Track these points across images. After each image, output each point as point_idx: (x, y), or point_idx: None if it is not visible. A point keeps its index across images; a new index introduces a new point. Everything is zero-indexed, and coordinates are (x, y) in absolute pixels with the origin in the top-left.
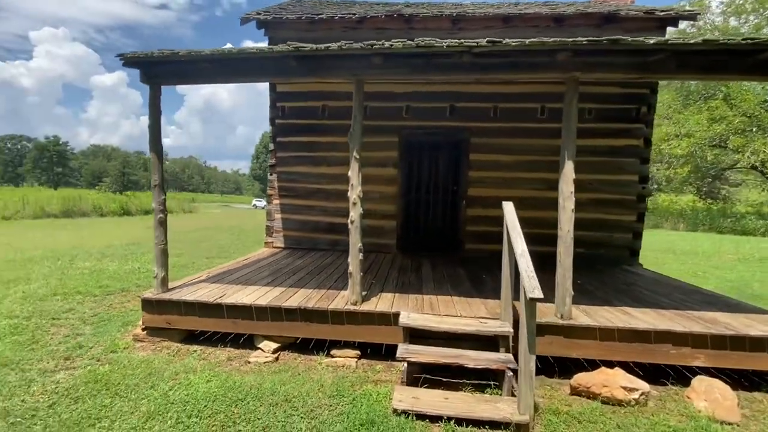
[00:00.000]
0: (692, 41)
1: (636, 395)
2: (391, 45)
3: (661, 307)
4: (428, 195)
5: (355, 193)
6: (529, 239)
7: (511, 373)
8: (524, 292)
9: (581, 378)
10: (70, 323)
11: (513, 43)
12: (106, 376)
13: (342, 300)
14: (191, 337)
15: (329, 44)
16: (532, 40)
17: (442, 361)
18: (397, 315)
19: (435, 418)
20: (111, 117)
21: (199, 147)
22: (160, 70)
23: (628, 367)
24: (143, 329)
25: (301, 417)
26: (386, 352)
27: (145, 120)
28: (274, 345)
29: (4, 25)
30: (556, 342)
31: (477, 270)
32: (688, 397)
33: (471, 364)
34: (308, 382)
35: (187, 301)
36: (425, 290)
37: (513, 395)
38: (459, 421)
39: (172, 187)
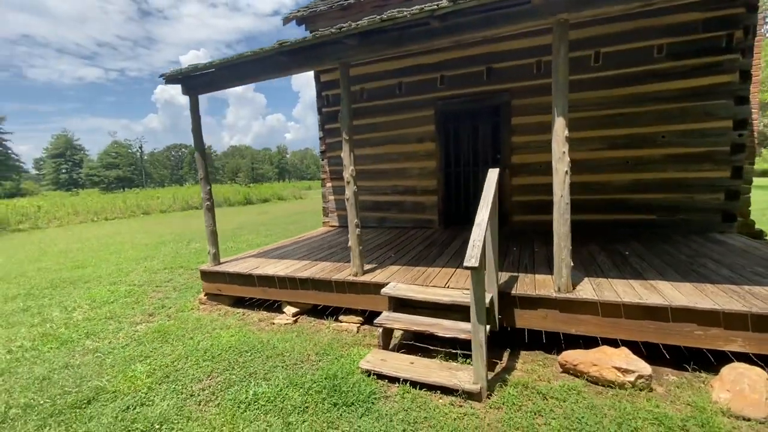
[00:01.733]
0: None
1: (631, 378)
2: (357, 25)
3: (712, 282)
4: (468, 167)
5: (347, 172)
6: (588, 207)
7: None
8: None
9: (569, 355)
10: (165, 289)
11: None
12: (167, 328)
13: (348, 271)
14: (239, 302)
15: (306, 36)
16: None
17: (414, 328)
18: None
19: (394, 380)
20: (244, 120)
21: (315, 138)
22: (193, 83)
23: (657, 351)
24: (204, 295)
25: (284, 368)
26: None
27: (270, 119)
28: (294, 309)
29: (161, 55)
30: (551, 316)
31: (512, 243)
32: (712, 386)
33: (441, 333)
34: (308, 341)
35: (229, 272)
36: (436, 264)
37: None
38: (414, 384)
39: (294, 176)
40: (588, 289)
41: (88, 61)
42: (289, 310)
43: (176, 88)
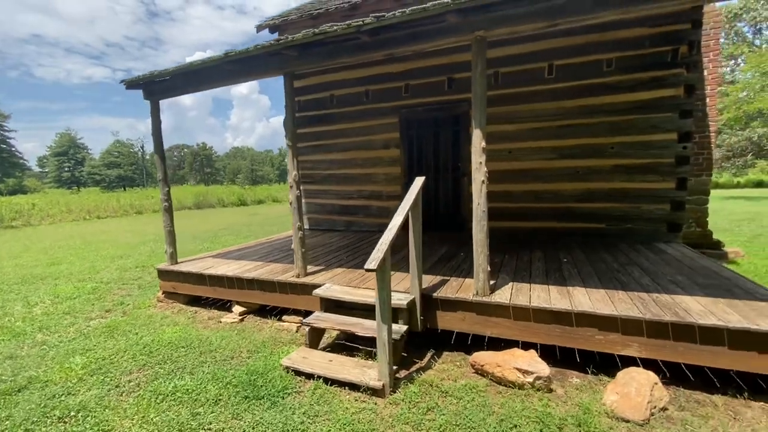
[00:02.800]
0: None
1: (530, 378)
2: (294, 38)
3: (627, 289)
4: (431, 173)
5: (291, 177)
6: (540, 215)
7: (392, 342)
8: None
9: (479, 356)
10: (130, 287)
11: (396, 15)
12: (118, 324)
13: (292, 273)
14: (195, 300)
15: (249, 47)
16: (415, 8)
17: (338, 327)
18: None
19: (310, 376)
20: (248, 121)
21: None
22: (152, 88)
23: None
24: (162, 293)
25: (213, 363)
26: None
27: (274, 121)
28: (242, 309)
29: (168, 56)
30: (468, 318)
31: (463, 248)
32: (606, 389)
33: (361, 332)
34: (245, 339)
35: (183, 271)
36: None
37: (398, 362)
38: (327, 381)
39: None
40: (506, 294)
41: (96, 61)
42: (237, 309)
43: None
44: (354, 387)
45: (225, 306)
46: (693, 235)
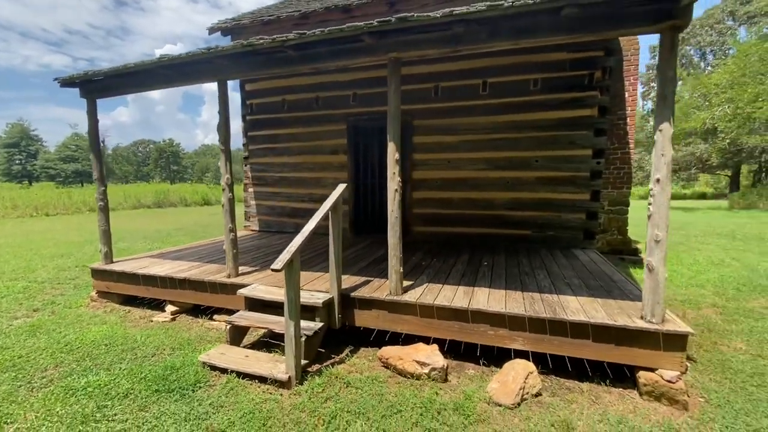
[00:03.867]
0: (482, 7)
1: (426, 370)
2: (224, 47)
3: (525, 290)
4: (377, 179)
5: (223, 180)
6: (476, 221)
7: (305, 338)
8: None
9: (386, 350)
10: (65, 287)
11: (316, 33)
12: (43, 323)
13: (224, 273)
14: (131, 300)
15: (182, 53)
16: (332, 28)
17: (257, 325)
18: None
19: (224, 370)
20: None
21: None
22: (89, 87)
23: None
24: (96, 293)
25: (132, 360)
26: None
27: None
28: (174, 308)
29: (136, 47)
30: (382, 316)
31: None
32: (492, 378)
33: (278, 330)
34: (172, 337)
35: (116, 270)
36: (314, 268)
37: (313, 357)
38: (240, 375)
39: None
40: (417, 293)
41: (56, 48)
42: (170, 308)
43: None
44: (263, 380)
45: (161, 306)
46: (615, 242)
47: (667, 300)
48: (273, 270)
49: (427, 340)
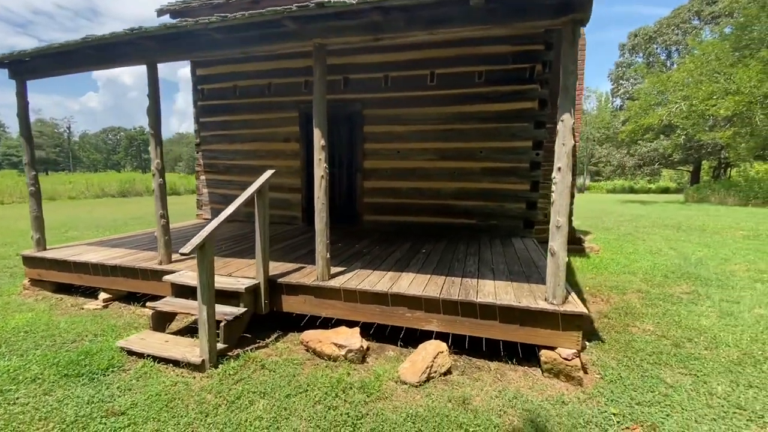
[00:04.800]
0: None
1: (343, 352)
2: (148, 29)
3: (451, 275)
4: (333, 168)
5: (153, 165)
6: (424, 210)
7: (224, 322)
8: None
9: (307, 334)
10: (0, 275)
11: (237, 17)
12: None
13: (156, 260)
14: (65, 288)
15: (107, 33)
16: (253, 12)
17: (181, 311)
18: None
19: (142, 355)
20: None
21: None
22: (18, 68)
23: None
24: (29, 280)
25: (50, 346)
26: None
27: None
28: (107, 296)
29: (104, 28)
30: (308, 301)
31: (349, 240)
32: (407, 359)
33: (196, 314)
34: (97, 324)
35: (48, 258)
36: (252, 256)
37: (236, 342)
38: (156, 359)
39: None
40: (343, 279)
41: (21, 29)
42: (102, 296)
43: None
44: (179, 364)
45: (96, 294)
46: None
47: (597, 286)
48: (181, 254)
49: (356, 324)
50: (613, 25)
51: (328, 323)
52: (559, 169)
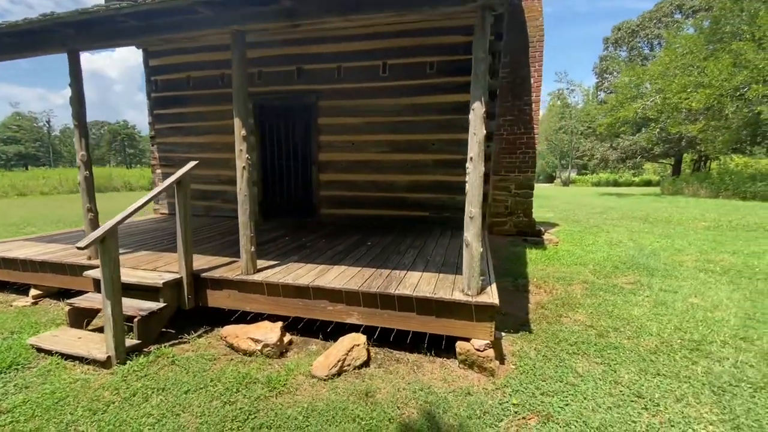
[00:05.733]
0: None
1: (259, 347)
2: (59, 14)
3: (381, 267)
4: (286, 161)
5: (78, 157)
6: (379, 203)
7: (139, 318)
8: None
9: (226, 329)
10: None
11: (148, 2)
12: None
13: (85, 256)
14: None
15: (19, 20)
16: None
17: (97, 306)
18: None
19: (50, 352)
20: None
21: None
22: None
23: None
24: None
25: None
26: None
27: None
28: (37, 292)
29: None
30: (232, 296)
31: (298, 234)
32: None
33: (126, 312)
34: (19, 321)
35: None
36: (207, 252)
37: (154, 337)
38: (64, 356)
39: None
40: (268, 273)
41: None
42: (32, 292)
43: (105, 58)
44: (85, 361)
45: (25, 291)
46: (521, 224)
47: (545, 277)
48: (78, 248)
49: (282, 319)
50: (603, 19)
51: (257, 318)
52: (471, 159)
